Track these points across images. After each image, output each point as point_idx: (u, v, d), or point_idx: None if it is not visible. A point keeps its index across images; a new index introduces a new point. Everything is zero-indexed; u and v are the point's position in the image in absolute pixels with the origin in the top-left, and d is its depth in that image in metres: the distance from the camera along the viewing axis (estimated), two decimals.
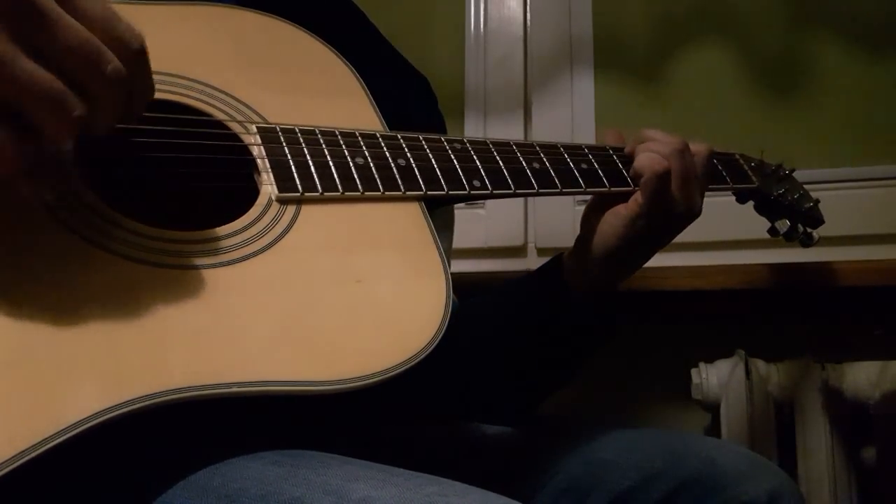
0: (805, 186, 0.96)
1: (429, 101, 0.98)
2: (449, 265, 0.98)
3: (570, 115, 1.43)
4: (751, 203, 0.96)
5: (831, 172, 1.28)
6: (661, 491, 0.72)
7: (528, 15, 1.48)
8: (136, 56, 0.47)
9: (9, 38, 0.43)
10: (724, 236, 1.27)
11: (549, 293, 0.81)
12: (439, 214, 0.89)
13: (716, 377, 1.19)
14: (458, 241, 0.99)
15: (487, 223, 1.40)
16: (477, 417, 0.86)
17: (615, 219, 0.76)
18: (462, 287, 0.69)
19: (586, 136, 1.41)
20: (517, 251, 1.41)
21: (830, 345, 1.21)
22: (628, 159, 0.78)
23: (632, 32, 1.44)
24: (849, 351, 1.18)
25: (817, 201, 0.90)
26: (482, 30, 1.49)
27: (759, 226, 0.97)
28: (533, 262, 1.40)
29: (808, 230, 0.91)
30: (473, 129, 1.46)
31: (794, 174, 0.96)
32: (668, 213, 0.76)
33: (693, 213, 0.78)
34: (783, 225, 0.90)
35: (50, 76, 0.44)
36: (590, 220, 0.79)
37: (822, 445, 1.12)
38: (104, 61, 0.45)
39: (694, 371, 1.22)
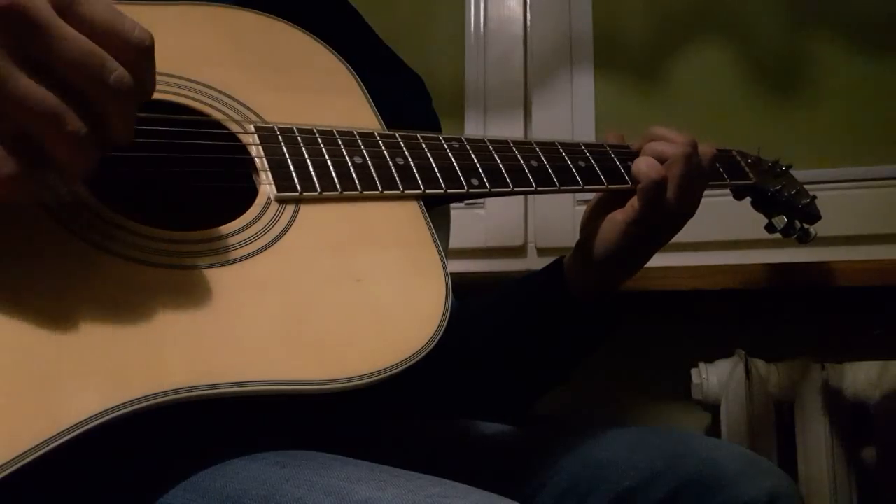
0: (804, 186, 0.96)
1: (423, 100, 0.98)
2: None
3: (570, 115, 1.43)
4: (749, 201, 0.95)
5: (831, 172, 1.28)
6: (662, 491, 0.72)
7: (528, 15, 1.48)
8: (143, 54, 0.46)
9: (6, 54, 0.42)
10: (723, 236, 1.27)
11: (550, 294, 0.82)
12: (436, 214, 0.89)
13: (716, 377, 1.19)
14: (458, 241, 0.99)
15: (487, 223, 1.40)
16: (474, 414, 0.87)
17: (613, 224, 0.77)
18: (462, 287, 0.69)
19: (586, 135, 1.41)
20: (517, 251, 1.41)
21: (830, 345, 1.21)
22: (627, 156, 0.78)
23: (632, 32, 1.43)
24: (849, 351, 1.18)
25: (814, 197, 0.89)
26: (482, 30, 1.49)
27: (758, 226, 0.97)
28: (533, 262, 1.40)
29: (805, 226, 0.90)
30: (473, 129, 1.46)
31: (794, 174, 0.96)
32: (666, 215, 0.76)
33: (690, 213, 0.78)
34: (780, 221, 0.90)
35: (44, 92, 0.42)
36: (590, 224, 0.80)
37: (822, 445, 1.12)
38: (107, 71, 0.44)
39: (694, 371, 1.22)
